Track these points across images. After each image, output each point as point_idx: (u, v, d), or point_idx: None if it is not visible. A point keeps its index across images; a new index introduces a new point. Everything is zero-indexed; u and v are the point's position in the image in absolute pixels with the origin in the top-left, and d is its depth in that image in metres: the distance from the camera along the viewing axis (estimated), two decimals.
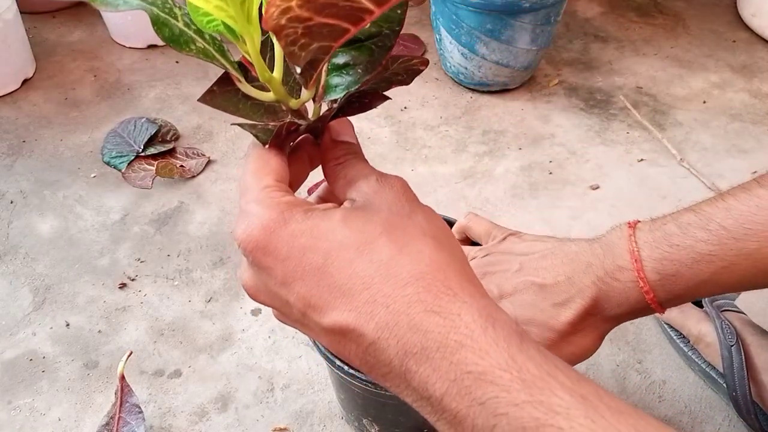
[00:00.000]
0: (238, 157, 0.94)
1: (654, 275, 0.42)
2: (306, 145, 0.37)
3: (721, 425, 0.64)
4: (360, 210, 0.31)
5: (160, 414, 0.65)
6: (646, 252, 0.42)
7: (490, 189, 0.89)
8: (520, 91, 1.06)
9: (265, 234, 0.30)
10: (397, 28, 0.33)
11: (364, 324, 0.29)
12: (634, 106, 1.02)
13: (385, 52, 0.33)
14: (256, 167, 0.33)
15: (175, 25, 0.29)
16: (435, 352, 0.27)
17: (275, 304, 0.33)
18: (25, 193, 0.88)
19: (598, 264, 0.43)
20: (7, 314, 0.74)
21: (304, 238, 0.30)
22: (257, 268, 0.31)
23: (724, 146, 0.96)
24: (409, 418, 0.55)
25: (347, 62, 0.34)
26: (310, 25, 0.27)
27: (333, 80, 0.34)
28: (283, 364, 0.69)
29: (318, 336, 0.32)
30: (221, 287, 0.77)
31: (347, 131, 0.36)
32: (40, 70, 1.09)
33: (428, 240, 0.31)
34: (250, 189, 0.32)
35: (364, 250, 0.29)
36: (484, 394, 0.27)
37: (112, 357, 0.69)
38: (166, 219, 0.85)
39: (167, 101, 1.04)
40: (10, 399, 0.66)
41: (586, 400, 0.26)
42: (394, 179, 0.33)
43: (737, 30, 1.20)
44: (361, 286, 0.29)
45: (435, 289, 0.29)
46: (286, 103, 0.33)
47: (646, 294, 0.42)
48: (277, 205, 0.31)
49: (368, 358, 0.29)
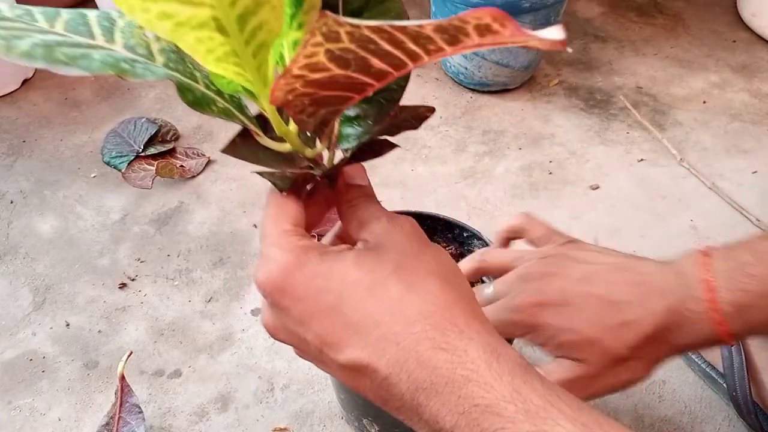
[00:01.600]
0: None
1: (728, 307, 0.40)
2: (321, 189, 0.39)
3: (720, 425, 0.64)
4: (371, 251, 0.33)
5: (160, 414, 0.65)
6: (720, 282, 0.41)
7: (490, 189, 0.89)
8: (520, 91, 1.06)
9: (282, 276, 0.32)
10: (403, 83, 0.35)
11: (377, 360, 0.30)
12: (634, 106, 1.02)
13: (393, 104, 0.35)
14: (274, 213, 0.35)
15: (197, 88, 0.31)
16: (443, 386, 0.29)
17: (294, 342, 0.35)
18: (25, 193, 0.88)
19: (672, 291, 0.42)
20: (7, 314, 0.74)
21: (319, 279, 0.32)
22: (276, 309, 0.33)
23: (724, 146, 0.96)
24: None
25: (358, 114, 0.36)
26: (315, 98, 0.29)
27: (345, 130, 0.36)
28: (283, 364, 0.69)
29: (335, 372, 0.33)
30: (221, 287, 0.77)
31: (360, 175, 0.38)
32: (40, 70, 1.09)
33: (435, 279, 0.32)
34: (269, 234, 0.34)
35: (375, 289, 0.31)
36: (491, 425, 0.28)
37: (112, 357, 0.69)
38: (166, 219, 0.85)
39: (167, 101, 1.04)
40: (10, 399, 0.66)
41: (586, 428, 0.28)
42: (403, 220, 0.35)
43: (737, 30, 1.20)
44: (373, 324, 0.31)
45: (442, 327, 0.30)
46: (303, 153, 0.36)
47: (719, 326, 0.41)
48: (294, 248, 0.33)
49: (382, 392, 0.31)
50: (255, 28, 0.28)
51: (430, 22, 0.23)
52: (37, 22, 0.27)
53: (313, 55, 0.26)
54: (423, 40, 0.24)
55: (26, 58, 0.24)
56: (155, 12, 0.26)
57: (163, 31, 0.27)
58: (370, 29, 0.24)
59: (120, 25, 0.29)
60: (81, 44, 0.27)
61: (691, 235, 0.82)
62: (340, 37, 0.25)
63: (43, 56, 0.24)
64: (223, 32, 0.27)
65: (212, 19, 0.27)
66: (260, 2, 0.27)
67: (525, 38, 0.23)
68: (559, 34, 0.22)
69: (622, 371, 0.43)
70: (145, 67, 0.28)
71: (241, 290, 0.76)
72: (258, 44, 0.29)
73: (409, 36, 0.24)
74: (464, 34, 0.23)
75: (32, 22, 0.27)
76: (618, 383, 0.44)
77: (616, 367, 0.43)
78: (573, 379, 0.43)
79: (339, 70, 0.27)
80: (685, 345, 0.43)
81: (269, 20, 0.28)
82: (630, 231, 0.83)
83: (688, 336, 0.42)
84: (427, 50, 0.25)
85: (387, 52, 0.26)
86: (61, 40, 0.26)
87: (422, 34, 0.24)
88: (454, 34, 0.24)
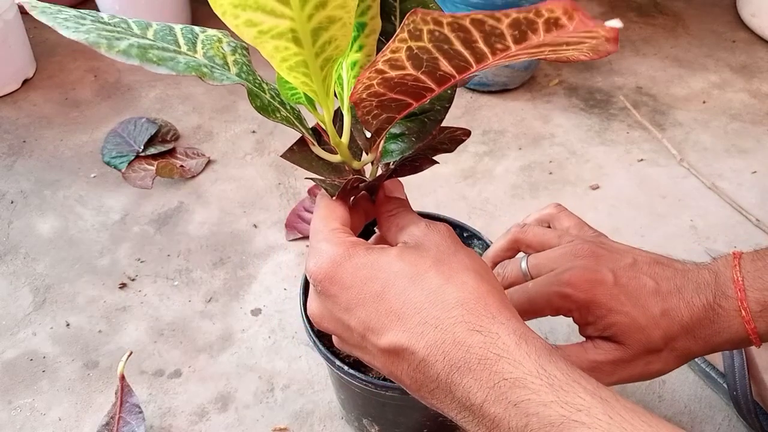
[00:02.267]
0: (238, 157, 0.94)
1: (756, 306, 0.42)
2: (362, 201, 0.43)
3: (720, 425, 0.64)
4: (413, 248, 0.37)
5: (160, 414, 0.65)
6: (749, 282, 0.43)
7: (490, 189, 0.89)
8: (520, 91, 1.06)
9: (332, 266, 0.36)
10: (447, 105, 0.39)
11: (416, 343, 0.33)
12: (634, 106, 1.02)
13: (436, 124, 0.39)
14: (324, 214, 0.39)
15: (265, 96, 0.36)
16: (476, 364, 0.32)
17: (338, 330, 0.37)
18: (26, 193, 0.88)
19: (707, 287, 0.44)
20: (7, 314, 0.74)
21: (366, 270, 0.35)
22: (324, 297, 0.37)
23: (724, 146, 0.96)
24: (409, 418, 0.55)
25: (402, 132, 0.40)
26: (383, 100, 0.33)
27: (389, 146, 0.40)
28: (283, 364, 0.69)
29: (374, 358, 0.36)
30: (221, 287, 0.77)
31: (398, 189, 0.43)
32: (40, 70, 1.09)
33: (471, 273, 0.35)
34: (320, 231, 0.38)
35: (416, 280, 0.34)
36: (518, 397, 0.31)
37: (112, 357, 0.70)
38: (166, 219, 0.85)
39: (167, 101, 1.04)
40: (11, 399, 0.66)
41: (605, 401, 0.30)
42: (440, 225, 0.39)
43: (737, 30, 1.20)
44: (413, 311, 0.34)
45: (477, 312, 0.33)
46: (350, 164, 0.40)
47: (747, 324, 0.42)
48: (343, 243, 0.36)
49: (418, 375, 0.34)
50: (325, 42, 0.31)
51: (506, 14, 0.25)
52: (132, 29, 0.31)
53: (397, 51, 0.28)
54: (494, 38, 0.26)
55: (124, 55, 0.27)
56: (243, 19, 0.29)
57: (247, 37, 0.30)
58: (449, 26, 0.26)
59: (201, 38, 0.34)
60: (169, 49, 0.30)
61: (691, 235, 0.82)
62: (422, 36, 0.27)
63: (137, 55, 0.28)
64: (298, 43, 0.31)
65: (290, 30, 0.30)
66: (333, 19, 0.30)
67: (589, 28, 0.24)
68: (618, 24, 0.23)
69: (654, 361, 0.44)
70: (222, 73, 0.32)
71: (241, 290, 0.76)
72: (326, 57, 0.32)
73: (483, 34, 0.26)
74: (533, 29, 0.25)
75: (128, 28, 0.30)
76: (647, 372, 0.45)
77: (649, 356, 0.44)
78: (607, 362, 0.44)
79: (412, 69, 0.30)
80: (717, 343, 0.44)
81: (338, 36, 0.32)
82: (630, 231, 0.83)
83: (719, 333, 0.43)
84: (494, 50, 0.27)
85: (457, 52, 0.28)
86: (152, 44, 0.30)
87: (497, 30, 0.25)
88: (524, 30, 0.25)
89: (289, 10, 0.29)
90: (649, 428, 0.29)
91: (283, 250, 0.81)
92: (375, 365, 0.37)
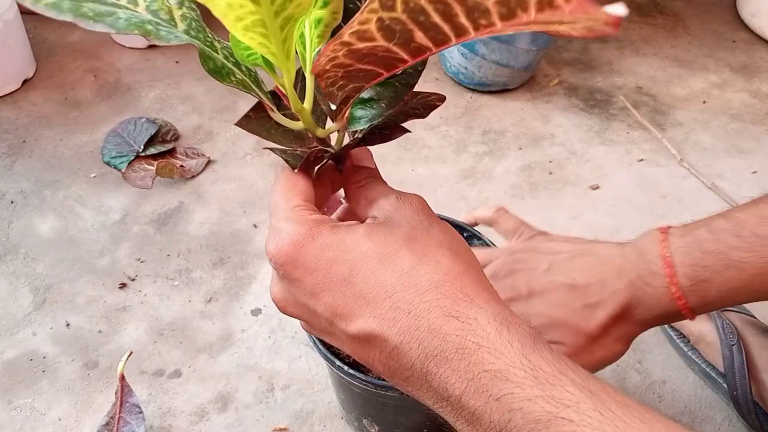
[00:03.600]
0: (238, 157, 0.94)
1: (686, 281, 0.42)
2: (328, 171, 0.39)
3: (720, 425, 0.64)
4: (382, 225, 0.33)
5: (160, 414, 0.65)
6: (678, 257, 0.42)
7: (490, 189, 0.89)
8: (520, 91, 1.06)
9: (295, 248, 0.32)
10: (420, 68, 0.35)
11: (387, 329, 0.30)
12: (634, 106, 1.02)
13: (408, 89, 0.35)
14: (285, 189, 0.35)
15: (218, 58, 0.32)
16: (454, 353, 0.29)
17: (303, 315, 0.35)
18: (25, 193, 0.88)
19: (631, 268, 0.43)
20: (7, 314, 0.74)
21: (331, 251, 0.32)
22: (287, 281, 0.33)
23: (724, 146, 0.96)
24: (409, 418, 0.55)
25: (372, 97, 0.36)
26: (349, 70, 0.29)
27: (357, 113, 0.36)
28: (283, 364, 0.69)
29: (344, 344, 0.33)
30: (221, 287, 0.77)
31: (367, 158, 0.39)
32: (40, 70, 1.09)
33: (445, 251, 0.32)
34: (280, 208, 0.34)
35: (386, 261, 0.31)
36: (500, 390, 0.28)
37: (112, 357, 0.69)
38: (166, 219, 0.85)
39: (167, 101, 1.04)
40: (11, 399, 0.66)
41: (594, 395, 0.28)
42: (412, 197, 0.35)
43: (737, 30, 1.20)
44: (384, 295, 0.31)
45: (453, 296, 0.30)
46: (314, 132, 0.36)
47: (678, 300, 0.42)
48: (306, 222, 0.33)
49: (391, 363, 0.31)
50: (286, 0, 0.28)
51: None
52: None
53: (366, 22, 0.26)
54: (478, 13, 0.24)
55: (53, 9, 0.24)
56: None
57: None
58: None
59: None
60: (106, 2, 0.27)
61: None
62: (395, 6, 0.24)
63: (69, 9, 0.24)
64: (255, 1, 0.27)
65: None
66: None
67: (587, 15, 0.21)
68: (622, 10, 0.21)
69: (596, 349, 0.44)
70: (169, 31, 0.28)
71: (241, 290, 0.76)
72: (286, 17, 0.29)
73: (465, 8, 0.24)
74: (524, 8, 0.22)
75: None
76: (595, 360, 0.45)
77: (590, 346, 0.44)
78: None
79: (383, 41, 0.27)
80: (650, 319, 0.44)
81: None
82: (630, 231, 0.83)
83: (651, 311, 0.43)
84: (477, 25, 0.24)
85: (434, 25, 0.25)
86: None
87: (481, 6, 0.23)
88: (513, 8, 0.23)
89: None
90: (642, 425, 0.27)
91: None
92: (345, 350, 0.34)
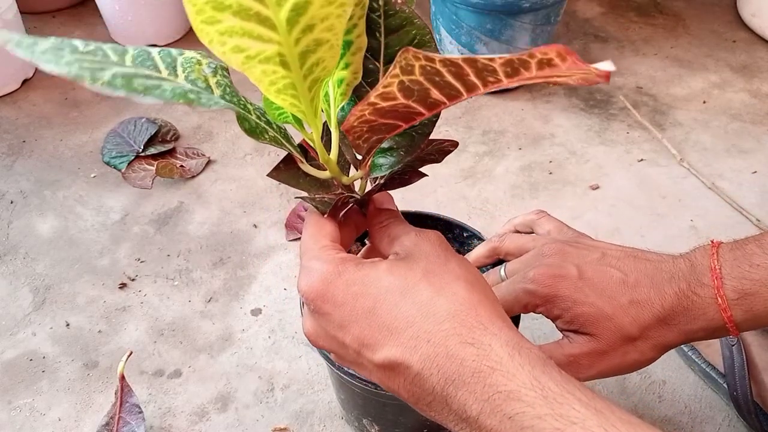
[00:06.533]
0: (238, 157, 0.94)
1: (733, 293, 0.42)
2: (353, 214, 0.43)
3: (720, 425, 0.64)
4: (402, 260, 0.37)
5: (160, 414, 0.65)
6: (726, 270, 0.43)
7: (490, 189, 0.89)
8: (520, 91, 1.06)
9: (323, 284, 0.36)
10: (434, 119, 0.39)
11: (409, 357, 0.33)
12: (634, 106, 1.02)
13: (424, 137, 0.39)
14: (314, 231, 0.39)
15: (252, 118, 0.36)
16: (470, 377, 0.32)
17: (333, 347, 0.38)
18: (25, 193, 0.88)
19: (681, 276, 0.44)
20: (7, 314, 0.74)
21: (357, 286, 0.35)
22: (318, 315, 0.37)
23: (724, 146, 0.96)
24: (409, 418, 0.55)
25: (391, 146, 0.40)
26: (373, 125, 0.34)
27: (378, 160, 0.40)
28: (283, 364, 0.69)
29: (371, 374, 0.36)
30: (221, 287, 0.77)
31: (388, 201, 0.43)
32: (40, 70, 1.09)
33: (462, 283, 0.35)
34: (309, 249, 0.38)
35: (407, 293, 0.34)
36: (512, 409, 0.31)
37: (112, 357, 0.69)
38: (166, 219, 0.85)
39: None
40: (10, 399, 0.66)
41: (600, 413, 0.30)
42: (431, 233, 0.39)
43: (737, 30, 1.20)
44: (405, 324, 0.34)
45: (469, 324, 0.33)
46: (339, 180, 0.40)
47: (724, 312, 0.42)
48: (333, 260, 0.36)
49: (415, 388, 0.34)
50: (313, 64, 0.31)
51: (500, 56, 0.26)
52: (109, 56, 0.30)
53: (389, 85, 0.29)
54: (486, 73, 0.27)
55: (109, 87, 0.27)
56: (230, 46, 0.29)
57: (235, 63, 0.30)
58: (441, 62, 0.27)
59: (180, 61, 0.33)
60: (152, 77, 0.30)
61: (691, 235, 0.82)
62: (414, 70, 0.28)
63: (123, 86, 0.27)
64: (286, 67, 0.31)
65: (278, 55, 0.30)
66: (320, 41, 0.30)
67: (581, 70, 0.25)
68: (610, 67, 0.24)
69: (630, 351, 0.44)
70: (209, 98, 0.31)
71: (241, 290, 0.76)
72: (314, 78, 0.32)
73: (474, 69, 0.27)
74: (526, 68, 0.26)
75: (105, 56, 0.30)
76: (625, 364, 0.45)
77: (625, 346, 0.44)
78: (583, 354, 0.44)
79: (403, 99, 0.30)
80: (693, 331, 0.44)
81: (326, 58, 0.32)
82: (630, 231, 0.83)
83: (695, 321, 0.43)
84: (486, 82, 0.28)
85: (448, 83, 0.28)
86: (134, 72, 0.29)
87: (489, 67, 0.26)
88: (516, 68, 0.26)
89: (276, 35, 0.29)
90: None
91: (283, 250, 0.81)
92: (373, 380, 0.37)
